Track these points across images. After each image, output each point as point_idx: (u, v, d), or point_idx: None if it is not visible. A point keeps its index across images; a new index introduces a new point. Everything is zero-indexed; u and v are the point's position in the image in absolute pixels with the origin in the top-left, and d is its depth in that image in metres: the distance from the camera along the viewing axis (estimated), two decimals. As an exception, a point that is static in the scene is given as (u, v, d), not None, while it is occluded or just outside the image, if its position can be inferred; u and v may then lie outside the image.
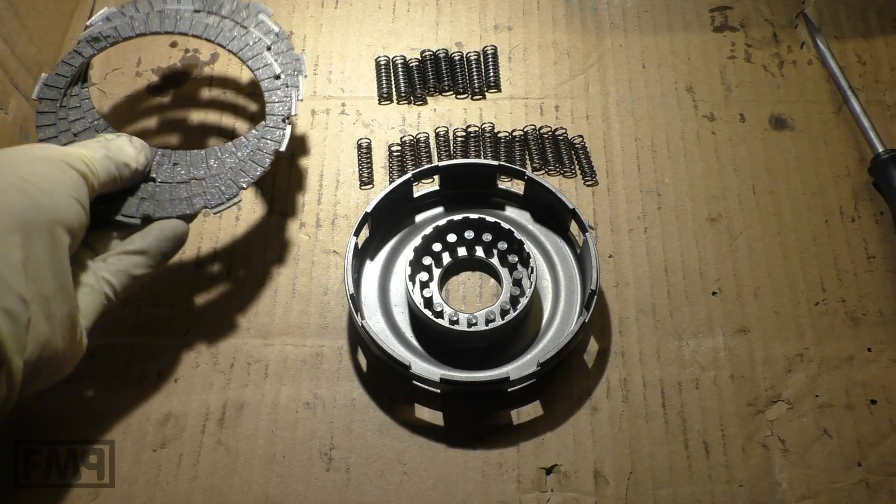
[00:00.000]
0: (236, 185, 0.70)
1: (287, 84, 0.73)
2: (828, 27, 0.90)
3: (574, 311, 0.75)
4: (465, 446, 0.70)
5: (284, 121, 0.72)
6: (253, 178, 0.70)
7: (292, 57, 0.75)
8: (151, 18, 0.74)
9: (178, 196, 0.69)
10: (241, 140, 0.73)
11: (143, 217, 0.67)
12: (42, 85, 0.72)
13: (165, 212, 0.68)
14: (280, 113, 0.72)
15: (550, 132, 0.84)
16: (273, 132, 0.71)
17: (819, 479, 0.68)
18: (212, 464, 0.69)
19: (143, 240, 0.65)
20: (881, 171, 0.80)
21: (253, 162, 0.70)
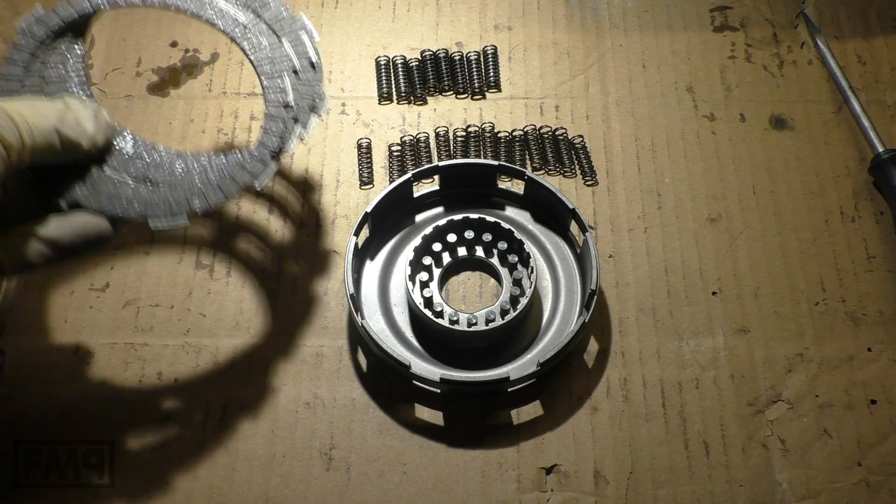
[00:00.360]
0: (188, 206, 0.61)
1: (295, 118, 0.64)
2: (828, 27, 0.90)
3: (574, 311, 0.75)
4: (465, 446, 0.70)
5: (273, 156, 0.63)
6: (207, 208, 0.61)
7: (316, 90, 0.65)
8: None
9: (122, 193, 0.60)
10: (219, 158, 0.63)
11: (71, 203, 0.59)
12: (32, 18, 0.63)
13: (98, 206, 0.59)
14: (271, 146, 0.63)
15: (550, 132, 0.84)
16: (254, 164, 0.62)
17: (819, 479, 0.68)
18: (212, 464, 0.69)
19: (58, 228, 0.57)
20: (881, 170, 0.80)
21: (219, 188, 0.62)
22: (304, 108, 0.64)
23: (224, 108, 0.86)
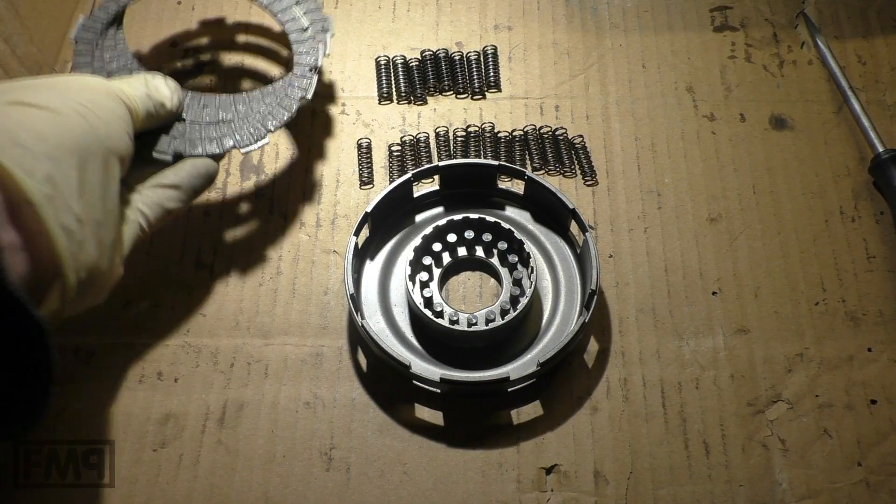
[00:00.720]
0: (264, 128, 0.72)
1: (314, 38, 0.77)
2: (828, 27, 0.90)
3: (574, 311, 0.75)
4: (465, 446, 0.70)
5: (311, 70, 0.75)
6: (280, 122, 0.73)
7: (320, 15, 0.79)
8: None
9: (209, 136, 0.71)
10: (267, 88, 0.75)
11: (175, 154, 0.69)
12: (80, 27, 0.76)
13: (196, 150, 0.70)
14: (307, 63, 0.75)
15: (550, 132, 0.84)
16: (300, 80, 0.75)
17: (819, 479, 0.68)
18: (212, 464, 0.69)
19: (175, 175, 0.67)
20: (881, 170, 0.80)
21: (280, 107, 0.73)
22: (318, 29, 0.78)
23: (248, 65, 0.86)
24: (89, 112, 0.57)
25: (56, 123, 0.54)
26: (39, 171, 0.51)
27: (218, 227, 0.80)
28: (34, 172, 0.50)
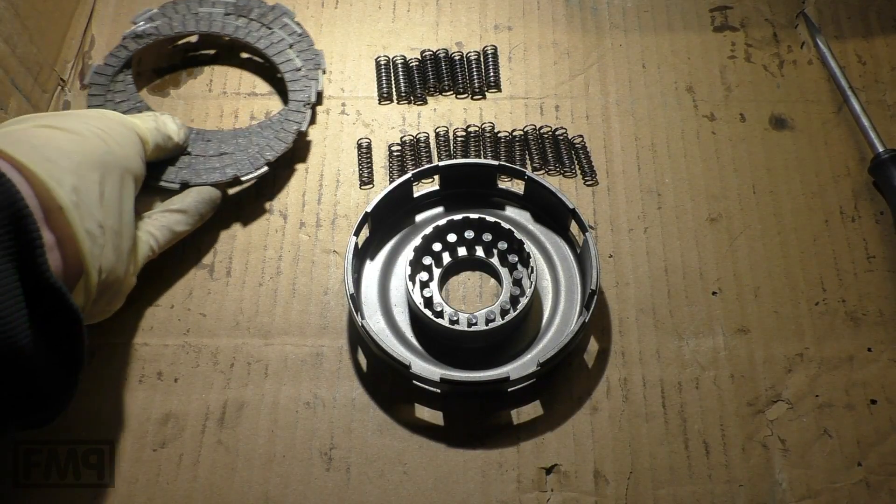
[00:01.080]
0: (263, 159, 0.78)
1: (307, 76, 0.84)
2: (828, 27, 0.90)
3: (574, 311, 0.75)
4: (465, 446, 0.70)
5: (305, 106, 0.82)
6: (278, 153, 0.79)
7: (313, 53, 0.85)
8: (188, 19, 0.86)
9: (212, 166, 0.77)
10: (265, 122, 0.82)
11: (182, 183, 0.76)
12: (92, 73, 0.83)
13: (201, 179, 0.76)
14: (301, 99, 0.82)
15: (550, 132, 0.84)
16: (296, 115, 0.81)
17: (819, 479, 0.68)
18: (212, 464, 0.69)
19: (182, 201, 0.74)
20: (881, 170, 0.80)
21: (278, 139, 0.80)
22: (311, 66, 0.85)
23: (224, 108, 0.86)
24: (107, 136, 0.64)
25: (79, 143, 0.61)
26: (67, 183, 0.57)
27: (218, 227, 0.80)
28: (63, 183, 0.56)
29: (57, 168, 0.57)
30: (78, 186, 0.58)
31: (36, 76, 0.84)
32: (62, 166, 0.57)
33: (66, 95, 0.87)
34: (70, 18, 0.91)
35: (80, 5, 0.92)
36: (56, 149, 0.59)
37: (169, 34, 0.85)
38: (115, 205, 0.61)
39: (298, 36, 0.86)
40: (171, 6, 0.88)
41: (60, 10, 0.89)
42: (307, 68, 0.84)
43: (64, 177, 0.57)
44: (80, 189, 0.58)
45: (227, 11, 0.87)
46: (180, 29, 0.85)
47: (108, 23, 0.91)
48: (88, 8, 0.92)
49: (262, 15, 0.87)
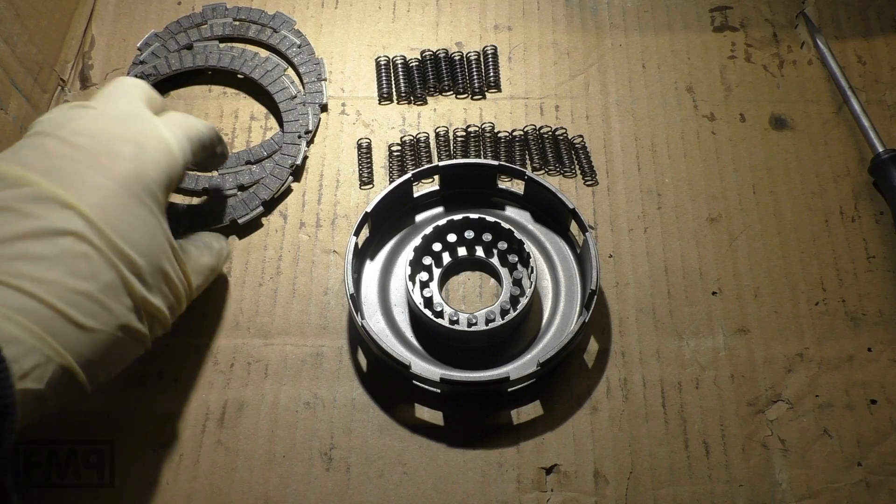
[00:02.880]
0: (258, 198, 0.79)
1: (304, 102, 0.85)
2: (828, 27, 0.90)
3: (574, 311, 0.75)
4: (465, 446, 0.70)
5: (300, 137, 0.82)
6: (273, 191, 0.80)
7: (314, 63, 0.87)
8: (185, 56, 0.86)
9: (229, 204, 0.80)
10: (259, 147, 0.82)
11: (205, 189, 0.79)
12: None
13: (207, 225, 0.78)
14: (296, 130, 0.83)
15: (550, 132, 0.84)
16: (290, 148, 0.82)
17: (819, 479, 0.68)
18: (212, 464, 0.69)
19: (210, 256, 0.70)
20: (881, 171, 0.80)
21: (273, 176, 0.80)
22: (312, 79, 0.86)
23: (224, 108, 0.86)
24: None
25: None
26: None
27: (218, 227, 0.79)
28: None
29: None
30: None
31: (36, 76, 0.84)
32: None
33: (66, 96, 0.87)
34: (70, 18, 0.91)
35: (80, 5, 0.92)
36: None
37: (167, 72, 0.85)
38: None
39: (298, 48, 0.87)
40: (171, 39, 0.88)
41: (60, 10, 0.89)
42: (307, 88, 0.85)
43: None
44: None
45: (226, 33, 0.88)
46: (178, 67, 0.86)
47: (108, 23, 0.91)
48: (88, 8, 0.92)
49: (260, 31, 0.88)
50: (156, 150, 0.60)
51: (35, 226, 0.53)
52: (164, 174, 0.60)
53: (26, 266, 0.51)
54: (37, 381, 0.50)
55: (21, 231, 0.52)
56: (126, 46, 0.89)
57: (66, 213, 0.54)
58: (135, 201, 0.57)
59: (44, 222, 0.53)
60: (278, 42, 0.88)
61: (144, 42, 0.88)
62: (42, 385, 0.50)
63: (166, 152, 0.61)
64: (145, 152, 0.59)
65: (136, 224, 0.57)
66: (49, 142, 0.57)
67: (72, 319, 0.52)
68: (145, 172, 0.59)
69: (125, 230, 0.56)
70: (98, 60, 0.89)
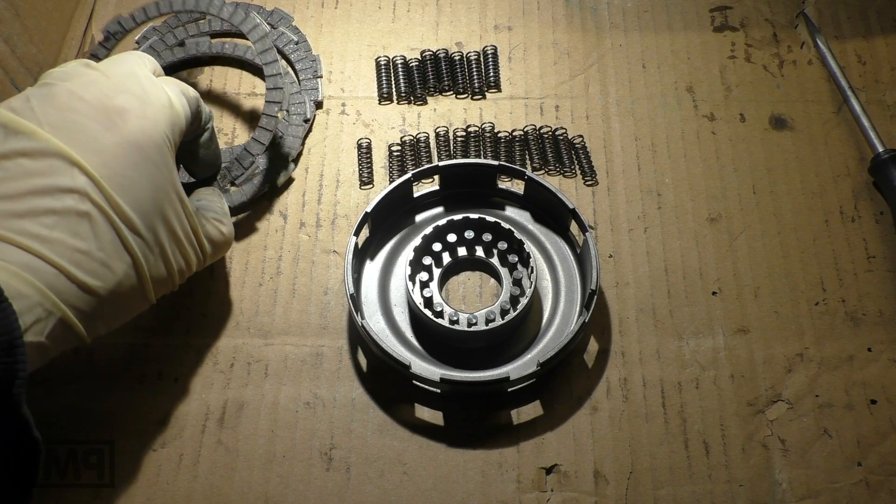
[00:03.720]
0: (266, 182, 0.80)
1: (294, 124, 0.83)
2: (828, 27, 0.90)
3: (574, 311, 0.75)
4: (465, 446, 0.70)
5: (292, 161, 0.82)
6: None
7: (311, 60, 0.87)
8: (177, 52, 0.86)
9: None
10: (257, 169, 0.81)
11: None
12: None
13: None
14: (296, 148, 0.82)
15: (550, 132, 0.84)
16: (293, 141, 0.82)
17: (819, 479, 0.68)
18: (212, 464, 0.69)
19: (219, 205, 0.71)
20: (881, 171, 0.80)
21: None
22: (308, 76, 0.86)
23: (224, 108, 0.86)
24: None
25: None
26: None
27: (218, 227, 0.79)
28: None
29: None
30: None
31: (36, 76, 0.84)
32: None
33: (66, 95, 0.87)
34: (70, 18, 0.91)
35: (80, 5, 0.92)
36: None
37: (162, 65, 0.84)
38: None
39: (295, 44, 0.87)
40: (173, 19, 0.88)
41: (60, 10, 0.89)
42: (303, 84, 0.85)
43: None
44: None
45: (222, 28, 0.88)
46: (171, 59, 0.86)
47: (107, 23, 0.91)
48: (88, 8, 0.92)
49: None
50: (160, 105, 0.61)
51: (41, 183, 0.54)
52: (168, 127, 0.62)
53: (31, 224, 0.54)
54: (38, 334, 0.53)
55: (27, 188, 0.54)
56: (126, 47, 0.89)
57: (72, 171, 0.55)
58: (141, 158, 0.59)
59: (49, 180, 0.55)
60: (275, 38, 0.88)
61: (142, 36, 0.89)
62: (43, 338, 0.53)
63: (169, 107, 0.62)
64: (149, 106, 0.61)
65: (142, 182, 0.59)
66: (59, 93, 0.58)
67: (73, 277, 0.55)
68: (151, 126, 0.60)
69: (129, 188, 0.58)
70: (98, 60, 0.89)
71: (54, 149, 0.55)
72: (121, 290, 0.58)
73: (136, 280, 0.59)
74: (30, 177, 0.54)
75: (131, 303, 0.61)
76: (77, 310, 0.55)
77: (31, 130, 0.56)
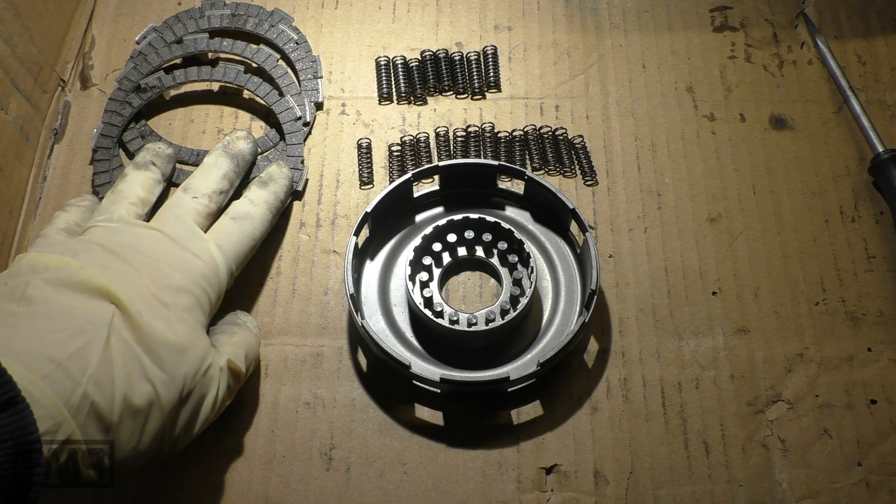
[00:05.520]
0: None
1: (300, 93, 0.85)
2: (828, 27, 0.90)
3: (574, 311, 0.75)
4: (465, 446, 0.70)
5: (302, 162, 0.82)
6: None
7: (311, 60, 0.87)
8: (190, 71, 0.86)
9: None
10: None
11: None
12: (98, 135, 0.83)
13: None
14: (298, 154, 0.82)
15: (550, 132, 0.84)
16: (293, 173, 0.80)
17: (819, 479, 0.68)
18: (212, 464, 0.69)
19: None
20: (881, 171, 0.80)
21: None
22: (308, 77, 0.86)
23: (224, 108, 0.86)
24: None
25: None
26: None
27: (218, 227, 0.79)
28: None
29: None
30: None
31: (36, 76, 0.84)
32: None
33: (66, 96, 0.87)
34: (70, 18, 0.91)
35: (80, 5, 0.92)
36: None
37: (171, 84, 0.85)
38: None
39: (296, 44, 0.87)
40: (169, 30, 0.88)
41: (60, 11, 0.89)
42: (303, 85, 0.85)
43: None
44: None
45: (223, 25, 0.88)
46: (182, 79, 0.85)
47: (108, 23, 0.91)
48: (88, 8, 0.92)
49: (257, 25, 0.88)
50: (202, 276, 0.65)
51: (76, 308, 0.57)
52: (206, 296, 0.64)
53: (55, 343, 0.55)
54: (46, 444, 0.52)
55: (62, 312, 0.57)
56: (126, 47, 0.89)
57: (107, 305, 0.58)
58: (175, 317, 0.61)
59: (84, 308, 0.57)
60: (276, 37, 0.88)
61: (142, 36, 0.89)
62: (47, 453, 0.53)
63: (212, 276, 0.66)
64: (193, 280, 0.64)
65: (173, 341, 0.59)
66: (106, 254, 0.62)
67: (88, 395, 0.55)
68: (190, 294, 0.63)
69: (160, 346, 0.59)
70: (98, 60, 0.89)
71: (97, 283, 0.58)
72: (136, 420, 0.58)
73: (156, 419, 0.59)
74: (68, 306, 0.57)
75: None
76: (87, 434, 0.56)
77: (78, 267, 0.59)
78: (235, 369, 0.66)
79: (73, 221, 0.70)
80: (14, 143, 0.80)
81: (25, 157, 0.82)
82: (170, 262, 0.63)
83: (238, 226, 0.70)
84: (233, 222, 0.70)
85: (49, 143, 0.84)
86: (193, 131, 0.85)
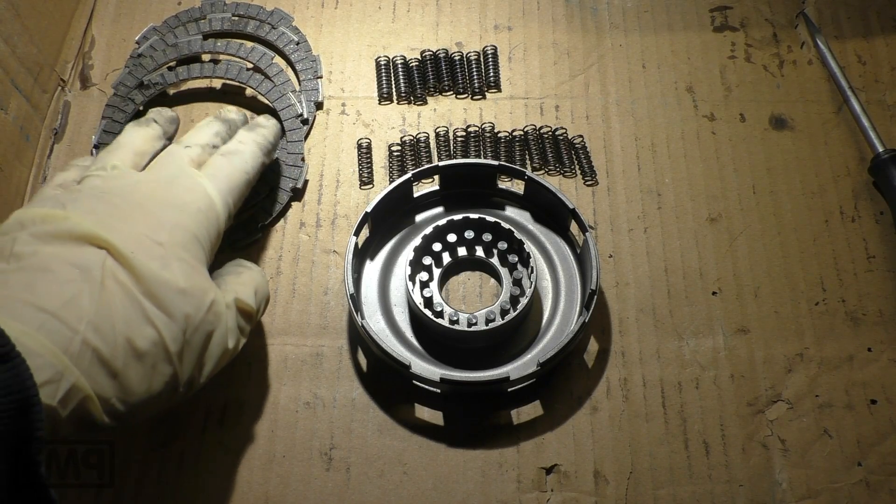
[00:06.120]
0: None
1: (299, 91, 0.85)
2: (828, 27, 0.90)
3: (574, 311, 0.75)
4: (465, 446, 0.70)
5: (302, 160, 0.82)
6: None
7: (311, 60, 0.87)
8: (192, 68, 0.86)
9: None
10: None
11: None
12: (101, 132, 0.83)
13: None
14: (299, 152, 0.82)
15: (550, 132, 0.84)
16: (291, 170, 0.81)
17: (819, 479, 0.68)
18: (212, 464, 0.69)
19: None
20: (881, 171, 0.80)
21: (271, 199, 0.80)
22: (309, 76, 0.86)
23: (225, 106, 0.86)
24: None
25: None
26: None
27: (218, 227, 0.79)
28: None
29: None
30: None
31: (36, 76, 0.84)
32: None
33: (66, 96, 0.87)
34: (70, 18, 0.91)
35: (80, 5, 0.92)
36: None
37: (174, 80, 0.85)
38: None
39: (296, 45, 0.88)
40: (173, 20, 0.88)
41: (60, 10, 0.89)
42: (303, 85, 0.85)
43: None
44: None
45: (224, 28, 0.88)
46: (185, 75, 0.85)
47: (108, 23, 0.91)
48: (88, 8, 0.92)
49: (258, 26, 0.88)
50: (197, 211, 0.63)
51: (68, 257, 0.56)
52: (204, 231, 0.63)
53: (48, 289, 0.54)
54: (49, 397, 0.50)
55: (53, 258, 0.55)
56: (126, 47, 0.89)
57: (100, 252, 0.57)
58: (172, 255, 0.59)
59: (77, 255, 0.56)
60: (276, 38, 0.88)
61: (142, 36, 0.89)
62: (55, 402, 0.51)
63: (208, 210, 0.64)
64: (187, 214, 0.62)
65: (170, 279, 0.58)
66: (94, 201, 0.60)
67: (89, 343, 0.53)
68: (186, 230, 0.61)
69: (158, 285, 0.57)
70: (98, 60, 0.89)
71: (83, 230, 0.57)
72: (144, 363, 0.56)
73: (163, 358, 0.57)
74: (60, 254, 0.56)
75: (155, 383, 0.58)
76: (94, 381, 0.53)
77: (64, 216, 0.57)
78: (245, 307, 0.64)
79: (70, 179, 0.67)
80: (14, 143, 0.80)
81: (25, 157, 0.82)
82: (162, 201, 0.62)
83: (228, 160, 0.68)
84: (223, 157, 0.68)
85: (49, 143, 0.84)
86: (193, 131, 0.85)
